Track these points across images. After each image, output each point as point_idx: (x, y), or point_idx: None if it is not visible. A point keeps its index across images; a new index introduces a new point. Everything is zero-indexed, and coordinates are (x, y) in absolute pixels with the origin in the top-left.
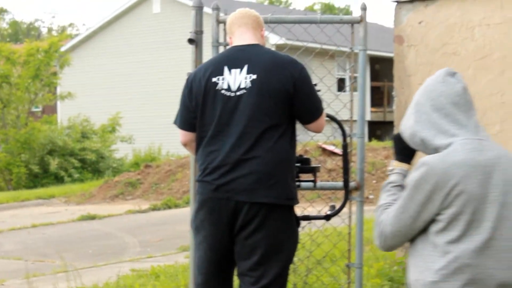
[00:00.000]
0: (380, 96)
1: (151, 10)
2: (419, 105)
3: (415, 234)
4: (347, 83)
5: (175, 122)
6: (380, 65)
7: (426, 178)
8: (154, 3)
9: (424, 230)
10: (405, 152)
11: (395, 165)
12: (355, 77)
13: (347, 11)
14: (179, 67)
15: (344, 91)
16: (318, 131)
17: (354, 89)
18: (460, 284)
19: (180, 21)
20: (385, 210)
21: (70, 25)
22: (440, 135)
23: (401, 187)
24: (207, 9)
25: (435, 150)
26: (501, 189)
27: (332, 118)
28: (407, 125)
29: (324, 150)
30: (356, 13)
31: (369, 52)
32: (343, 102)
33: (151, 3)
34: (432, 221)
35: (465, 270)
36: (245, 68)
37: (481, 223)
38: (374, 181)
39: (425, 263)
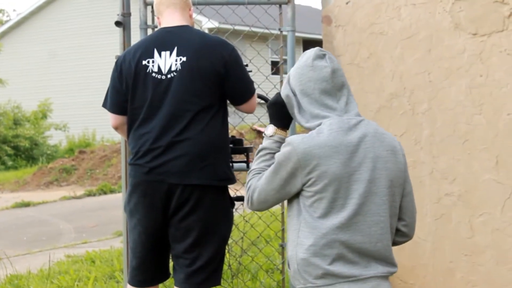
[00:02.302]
0: None
1: None
2: (291, 85)
3: (282, 201)
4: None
5: (104, 106)
6: (314, 47)
7: (289, 157)
8: None
9: (298, 205)
10: (284, 118)
11: (275, 132)
12: (285, 59)
13: None
14: (112, 52)
15: (277, 74)
16: (249, 112)
17: (285, 71)
18: (330, 260)
19: (112, 5)
20: (256, 176)
21: (0, 11)
22: (312, 119)
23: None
24: None
25: (308, 129)
26: (367, 166)
27: (263, 99)
28: (284, 95)
29: (259, 132)
30: None
31: (302, 34)
32: (274, 83)
33: None
34: (302, 196)
35: (333, 245)
36: (175, 50)
37: (346, 200)
38: None
39: (298, 238)
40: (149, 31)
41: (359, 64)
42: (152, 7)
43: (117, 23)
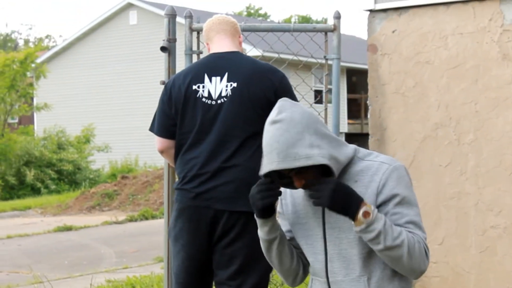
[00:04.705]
0: (357, 108)
1: (127, 22)
2: (318, 133)
3: None
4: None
5: (151, 129)
6: (357, 77)
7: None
8: (130, 14)
9: None
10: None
11: (370, 207)
12: (330, 88)
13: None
14: (156, 78)
15: (320, 103)
16: None
17: (330, 100)
18: None
19: (157, 33)
20: (411, 233)
21: (47, 36)
22: (343, 147)
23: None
24: (180, 19)
25: (341, 165)
26: None
27: None
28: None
29: None
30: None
31: (346, 64)
32: (317, 111)
33: (128, 14)
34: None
35: None
36: (226, 76)
37: None
38: None
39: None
40: (194, 57)
41: (404, 93)
42: (198, 33)
43: (163, 49)
